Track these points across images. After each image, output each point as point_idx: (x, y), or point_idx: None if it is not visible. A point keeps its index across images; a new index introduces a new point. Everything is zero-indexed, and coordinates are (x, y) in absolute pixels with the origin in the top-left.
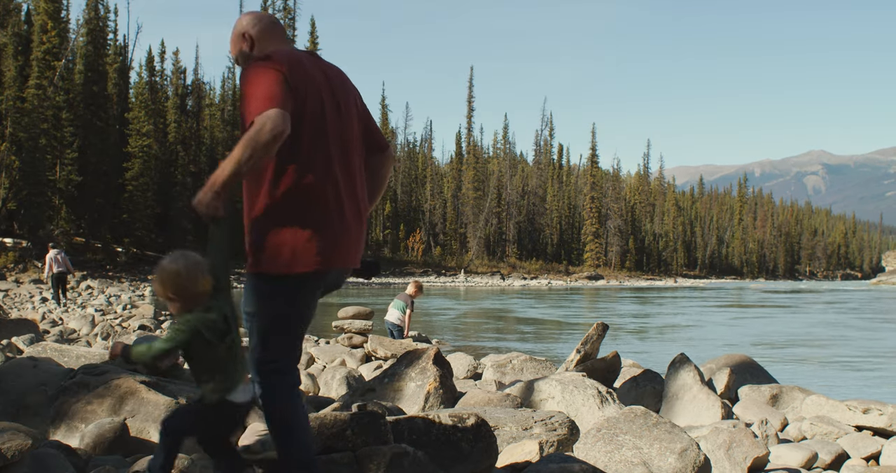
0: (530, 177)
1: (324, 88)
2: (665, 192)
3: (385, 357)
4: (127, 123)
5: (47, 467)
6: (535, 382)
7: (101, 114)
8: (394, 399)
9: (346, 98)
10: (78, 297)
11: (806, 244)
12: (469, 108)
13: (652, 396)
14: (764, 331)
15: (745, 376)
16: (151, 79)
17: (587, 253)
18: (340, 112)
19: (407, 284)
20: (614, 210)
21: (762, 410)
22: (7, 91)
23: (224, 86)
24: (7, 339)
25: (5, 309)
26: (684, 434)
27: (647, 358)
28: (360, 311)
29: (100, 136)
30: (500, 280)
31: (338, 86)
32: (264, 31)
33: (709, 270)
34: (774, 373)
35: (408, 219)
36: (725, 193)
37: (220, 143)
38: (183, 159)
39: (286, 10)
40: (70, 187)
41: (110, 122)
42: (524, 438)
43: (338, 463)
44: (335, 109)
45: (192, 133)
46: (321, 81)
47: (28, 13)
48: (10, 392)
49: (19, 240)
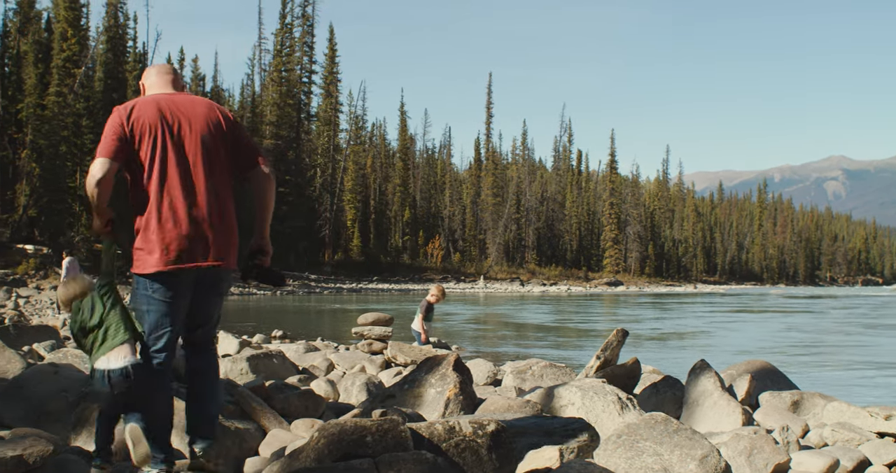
0: (549, 183)
1: (162, 126)
2: (684, 198)
3: (405, 363)
4: None
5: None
6: (555, 388)
7: None
8: (414, 405)
9: (194, 130)
10: None
11: (826, 250)
12: (488, 114)
13: (672, 402)
14: (785, 337)
15: (765, 382)
16: None
17: (606, 260)
18: (180, 143)
19: (426, 290)
20: (633, 216)
21: (783, 416)
22: (27, 98)
23: (243, 94)
24: (28, 346)
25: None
26: (705, 440)
27: (667, 364)
28: (380, 317)
29: None
30: (520, 286)
31: (183, 121)
32: (150, 82)
33: (729, 276)
34: (795, 379)
35: (427, 226)
36: (745, 199)
37: None
38: None
39: (304, 17)
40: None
41: None
42: (544, 445)
43: (358, 470)
44: (174, 142)
45: None
46: (158, 121)
47: (48, 21)
48: (32, 398)
49: (40, 247)
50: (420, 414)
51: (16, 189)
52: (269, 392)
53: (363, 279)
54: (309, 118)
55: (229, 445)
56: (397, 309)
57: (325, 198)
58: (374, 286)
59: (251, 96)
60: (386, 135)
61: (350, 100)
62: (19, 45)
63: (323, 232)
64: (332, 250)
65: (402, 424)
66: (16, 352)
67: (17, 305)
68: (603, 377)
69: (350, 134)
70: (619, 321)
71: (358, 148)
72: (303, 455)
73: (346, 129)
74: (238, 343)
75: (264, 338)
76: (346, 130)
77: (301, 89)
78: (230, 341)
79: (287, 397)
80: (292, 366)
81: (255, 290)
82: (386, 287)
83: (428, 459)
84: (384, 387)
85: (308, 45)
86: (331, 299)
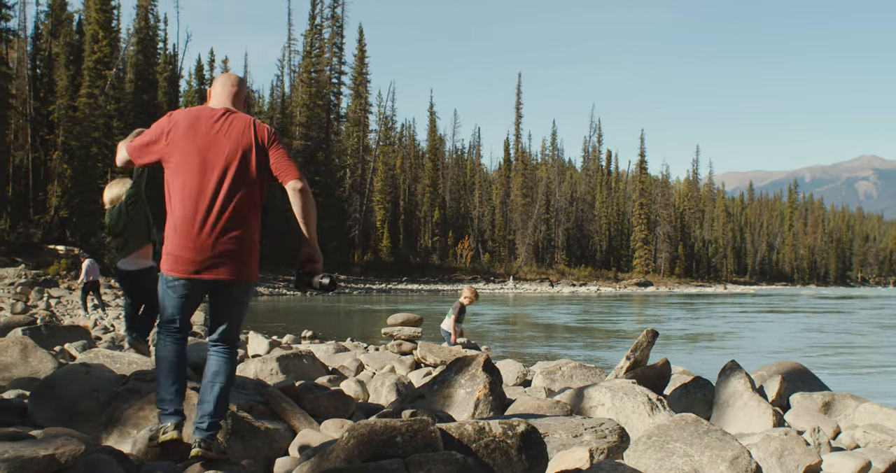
0: (579, 184)
1: (192, 140)
2: (714, 198)
3: (434, 364)
4: None
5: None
6: (585, 389)
7: (151, 122)
8: (443, 405)
9: (222, 146)
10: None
11: (857, 250)
12: (517, 115)
13: (702, 403)
14: (815, 338)
15: (796, 383)
16: (201, 87)
17: (636, 260)
18: (204, 157)
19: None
20: (663, 216)
21: (814, 418)
22: (59, 100)
23: (273, 95)
24: (60, 346)
25: (58, 316)
26: (736, 441)
27: (697, 365)
28: (410, 318)
29: None
30: (549, 286)
31: (214, 137)
32: (214, 91)
33: (759, 277)
34: (826, 380)
35: (456, 226)
36: (775, 199)
37: None
38: None
39: (334, 18)
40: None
41: None
42: (574, 445)
43: (387, 470)
44: (199, 156)
45: None
46: (190, 134)
47: (79, 23)
48: (64, 398)
49: (71, 248)
50: (450, 415)
51: (47, 190)
52: (298, 392)
53: (392, 279)
54: (338, 119)
55: (259, 445)
56: (427, 310)
57: (354, 199)
58: (403, 286)
59: (281, 97)
60: (415, 136)
61: (379, 100)
62: (51, 47)
63: (352, 232)
64: (361, 251)
65: (432, 424)
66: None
67: (49, 305)
68: (633, 378)
69: (379, 134)
70: (648, 322)
71: (387, 148)
72: (333, 455)
73: (376, 130)
74: (268, 343)
75: (294, 339)
76: (376, 131)
77: (330, 90)
78: (260, 341)
79: (317, 397)
80: (322, 367)
81: (284, 291)
82: (415, 287)
83: (458, 459)
84: (414, 388)
85: (337, 46)
86: (360, 299)
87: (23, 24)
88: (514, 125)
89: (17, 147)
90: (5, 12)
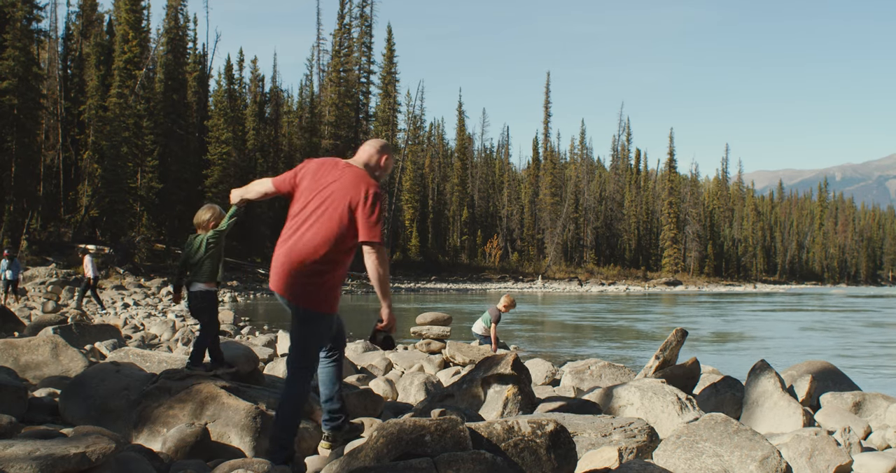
0: (608, 183)
1: (309, 183)
2: (744, 197)
3: (463, 363)
4: (206, 131)
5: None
6: (614, 388)
7: (181, 122)
8: (472, 405)
9: (326, 193)
10: (159, 303)
11: (888, 249)
12: (546, 114)
13: (732, 403)
14: (846, 337)
15: (826, 383)
16: (230, 87)
17: (665, 259)
18: (310, 199)
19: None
20: (693, 215)
21: (845, 418)
22: (90, 100)
23: (301, 94)
24: (90, 344)
25: (88, 315)
26: (766, 441)
27: (726, 364)
28: (439, 317)
29: (180, 144)
30: (578, 285)
31: (326, 185)
32: (359, 149)
33: (789, 276)
34: (857, 380)
35: (485, 225)
36: (805, 198)
37: (298, 150)
38: (262, 166)
39: (363, 18)
40: (151, 194)
41: (190, 130)
42: (603, 445)
43: (416, 469)
44: (306, 197)
45: (271, 140)
46: (310, 178)
47: (110, 23)
48: (94, 396)
49: (102, 247)
50: (479, 414)
51: (78, 189)
52: None
53: (421, 278)
54: (367, 118)
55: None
56: (455, 309)
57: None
58: (432, 285)
59: (310, 97)
60: (444, 135)
61: (408, 100)
62: (81, 47)
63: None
64: (390, 250)
65: (461, 423)
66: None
67: (80, 304)
68: (662, 377)
69: (408, 134)
70: (677, 321)
71: (416, 147)
72: (362, 453)
73: (405, 129)
74: None
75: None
76: (405, 130)
77: (359, 89)
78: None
79: (346, 396)
80: (351, 366)
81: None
82: (444, 286)
83: (487, 459)
84: (442, 387)
85: (366, 45)
86: None
87: (54, 24)
88: (542, 124)
89: (48, 147)
90: (37, 13)
